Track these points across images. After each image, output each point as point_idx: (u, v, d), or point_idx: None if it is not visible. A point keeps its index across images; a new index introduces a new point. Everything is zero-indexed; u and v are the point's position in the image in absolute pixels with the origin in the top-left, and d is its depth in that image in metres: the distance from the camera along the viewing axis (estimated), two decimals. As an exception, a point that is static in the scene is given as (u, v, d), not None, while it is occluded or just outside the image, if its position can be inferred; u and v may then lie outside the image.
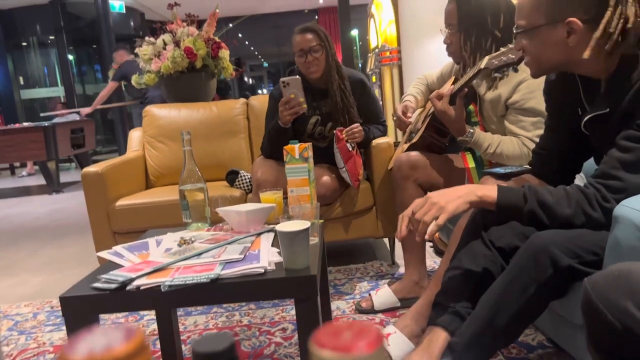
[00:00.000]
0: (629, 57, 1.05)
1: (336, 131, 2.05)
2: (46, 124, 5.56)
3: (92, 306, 1.06)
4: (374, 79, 5.18)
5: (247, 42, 14.58)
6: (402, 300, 1.87)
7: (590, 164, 1.33)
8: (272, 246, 1.25)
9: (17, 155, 5.64)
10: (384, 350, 0.31)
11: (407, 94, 2.12)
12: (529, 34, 1.13)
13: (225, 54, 3.03)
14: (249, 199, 2.28)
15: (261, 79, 19.52)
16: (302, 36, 2.07)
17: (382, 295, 1.89)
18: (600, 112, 1.11)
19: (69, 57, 9.42)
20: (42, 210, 4.75)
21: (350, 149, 2.05)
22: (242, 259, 1.14)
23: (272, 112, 2.19)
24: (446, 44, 1.83)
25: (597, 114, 1.11)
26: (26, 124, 6.08)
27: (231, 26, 4.01)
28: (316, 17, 12.12)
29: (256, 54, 17.26)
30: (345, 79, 2.14)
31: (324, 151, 2.20)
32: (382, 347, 0.29)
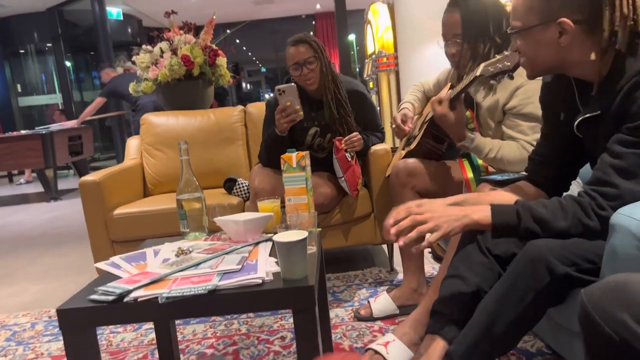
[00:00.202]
0: (622, 60, 1.05)
1: (335, 141, 2.05)
2: (44, 132, 5.55)
3: (90, 318, 1.06)
4: (371, 85, 5.19)
5: (244, 48, 14.60)
6: (401, 307, 1.87)
7: (586, 169, 1.33)
8: (270, 256, 1.25)
9: (15, 163, 5.64)
10: None
11: (404, 101, 2.13)
12: (522, 34, 1.14)
13: (222, 62, 3.04)
14: (247, 207, 2.28)
15: (259, 84, 19.55)
16: (295, 48, 2.05)
17: (381, 302, 1.89)
18: (592, 114, 1.11)
19: (67, 64, 9.41)
20: (41, 218, 4.75)
21: (349, 158, 2.05)
22: (240, 269, 1.14)
23: (269, 120, 2.18)
24: (450, 54, 1.79)
25: (589, 115, 1.12)
26: (24, 132, 6.08)
27: (229, 32, 4.02)
28: (313, 22, 12.14)
29: (254, 59, 17.29)
30: (341, 88, 2.11)
31: (322, 161, 2.20)
32: None
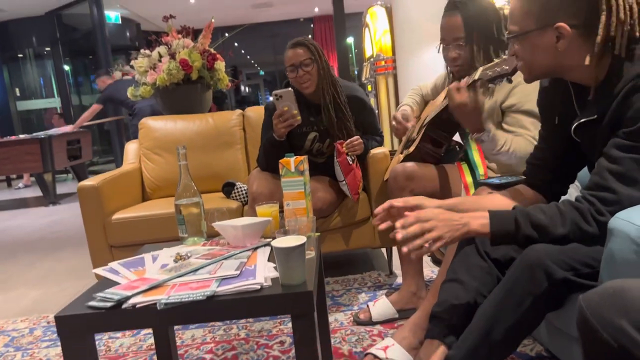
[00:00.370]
0: (618, 64, 1.05)
1: (336, 144, 2.05)
2: (42, 136, 5.55)
3: (88, 325, 1.06)
4: (369, 88, 5.20)
5: (243, 51, 14.61)
6: (400, 311, 1.87)
7: (584, 173, 1.33)
8: (269, 261, 1.24)
9: (13, 167, 5.64)
10: None
11: (403, 104, 2.13)
12: (520, 39, 1.14)
13: (220, 66, 3.04)
14: (246, 211, 2.28)
15: (258, 87, 19.56)
16: (293, 51, 2.05)
17: (380, 306, 1.88)
18: (589, 118, 1.11)
19: (65, 68, 9.41)
20: (39, 222, 4.74)
21: (350, 162, 2.05)
22: (238, 275, 1.14)
23: (267, 124, 2.18)
24: (452, 58, 1.76)
25: (586, 120, 1.12)
26: (22, 136, 6.08)
27: (227, 36, 4.02)
28: (312, 25, 12.15)
29: (252, 62, 17.30)
30: (341, 93, 2.11)
31: (321, 165, 2.20)
32: None
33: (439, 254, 2.42)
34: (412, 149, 1.89)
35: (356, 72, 11.93)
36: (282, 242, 1.08)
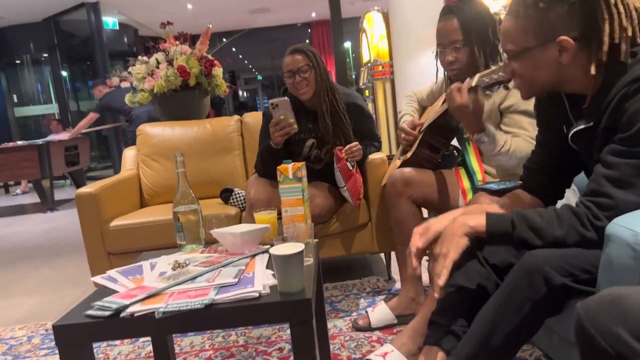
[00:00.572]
0: (612, 72, 1.06)
1: (336, 150, 2.05)
2: (40, 142, 5.55)
3: (86, 334, 1.06)
4: (367, 93, 5.21)
5: (240, 56, 14.64)
6: (399, 317, 1.87)
7: (582, 177, 1.33)
8: (267, 268, 1.24)
9: (11, 174, 5.63)
10: None
11: (403, 114, 2.12)
12: (519, 57, 1.13)
13: (218, 72, 3.05)
14: (244, 218, 2.28)
15: (255, 91, 19.58)
16: (291, 57, 2.06)
17: (379, 312, 1.88)
18: (585, 126, 1.12)
19: (63, 73, 9.42)
20: (37, 229, 4.73)
21: (350, 167, 2.05)
22: (237, 282, 1.13)
23: (265, 131, 2.18)
24: (449, 62, 1.75)
25: (582, 128, 1.12)
26: (20, 143, 6.08)
27: (225, 41, 4.03)
28: (309, 30, 12.18)
29: (250, 67, 17.32)
30: (340, 100, 2.12)
31: (318, 172, 2.20)
32: None
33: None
34: (409, 154, 1.89)
35: (354, 77, 11.95)
36: (280, 249, 1.08)
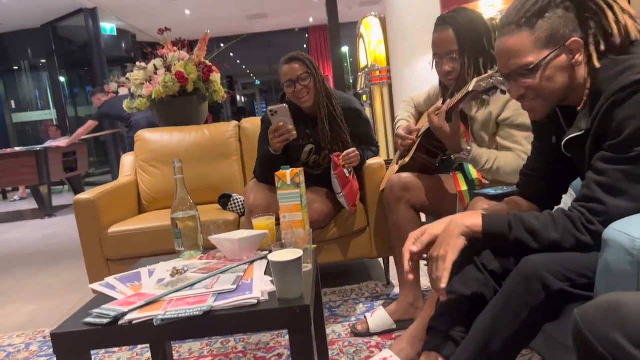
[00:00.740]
0: (601, 79, 1.07)
1: (333, 157, 2.05)
2: (38, 148, 5.54)
3: (84, 342, 1.06)
4: (364, 98, 5.22)
5: (238, 61, 14.67)
6: (398, 322, 1.87)
7: (579, 183, 1.34)
8: (265, 274, 1.24)
9: (9, 180, 5.62)
10: None
11: (399, 118, 2.13)
12: (535, 71, 1.11)
13: (216, 77, 3.05)
14: (242, 223, 2.28)
15: (253, 96, 19.63)
16: (289, 66, 2.06)
17: (378, 317, 1.88)
18: (576, 134, 1.12)
19: (61, 79, 9.42)
20: (35, 235, 4.72)
21: (347, 174, 2.05)
22: (235, 289, 1.13)
23: (264, 137, 2.18)
24: (446, 72, 1.75)
25: (574, 136, 1.13)
26: (18, 149, 6.07)
27: (223, 47, 4.04)
28: (307, 35, 12.21)
29: (248, 72, 17.36)
30: (336, 105, 2.12)
31: (316, 178, 2.21)
32: None
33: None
34: (407, 159, 1.90)
35: (351, 81, 11.98)
36: (279, 255, 1.08)
